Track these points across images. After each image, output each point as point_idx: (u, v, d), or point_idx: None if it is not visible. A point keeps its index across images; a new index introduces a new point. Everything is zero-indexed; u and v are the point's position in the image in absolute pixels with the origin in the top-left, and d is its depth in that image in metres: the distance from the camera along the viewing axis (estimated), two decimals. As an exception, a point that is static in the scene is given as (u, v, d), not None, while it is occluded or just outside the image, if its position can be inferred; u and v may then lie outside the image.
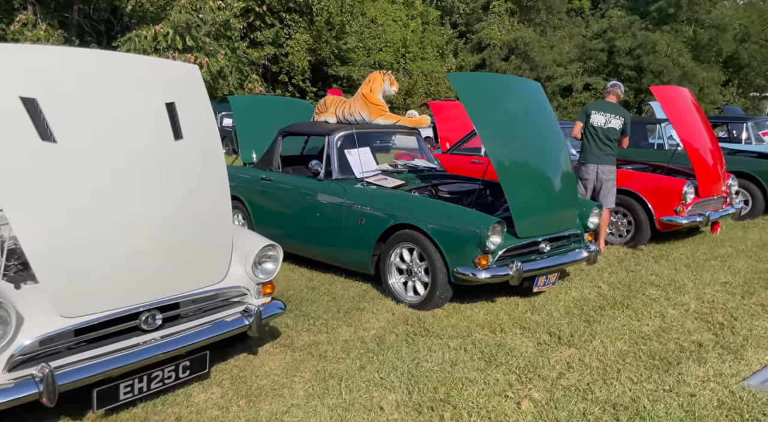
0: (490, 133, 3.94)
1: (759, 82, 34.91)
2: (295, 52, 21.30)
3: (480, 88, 4.03)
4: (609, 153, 5.71)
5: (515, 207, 3.88)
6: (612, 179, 5.70)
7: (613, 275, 5.00)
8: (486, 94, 4.02)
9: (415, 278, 4.05)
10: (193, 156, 2.68)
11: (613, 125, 5.68)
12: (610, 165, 5.69)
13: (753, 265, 5.29)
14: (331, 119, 5.17)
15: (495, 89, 4.10)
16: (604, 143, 5.69)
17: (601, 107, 5.79)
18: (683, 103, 6.17)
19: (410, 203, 4.10)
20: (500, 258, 3.86)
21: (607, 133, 5.69)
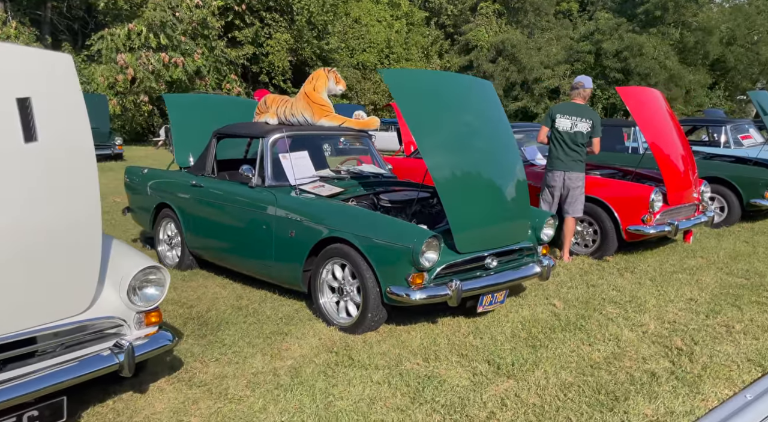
0: (427, 136, 3.54)
1: (745, 85, 34.84)
2: (275, 51, 20.88)
3: (416, 87, 3.62)
4: (576, 159, 5.34)
5: (454, 219, 3.49)
6: (580, 187, 5.36)
7: (571, 290, 4.63)
8: (423, 93, 3.62)
9: (347, 298, 3.66)
10: (52, 160, 2.26)
11: (579, 129, 5.32)
12: (577, 172, 5.34)
13: (722, 279, 4.94)
14: (272, 120, 4.77)
15: (434, 88, 3.70)
16: (571, 149, 5.33)
17: (567, 109, 5.42)
18: (652, 105, 5.82)
19: (342, 214, 3.70)
20: (438, 276, 3.47)
21: (574, 137, 5.32)
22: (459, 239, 3.51)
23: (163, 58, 17.05)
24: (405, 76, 3.76)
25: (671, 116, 6.19)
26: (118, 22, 17.75)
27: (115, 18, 17.96)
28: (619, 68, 32.91)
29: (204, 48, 18.38)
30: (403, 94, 3.53)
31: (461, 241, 3.52)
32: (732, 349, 3.45)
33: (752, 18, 33.37)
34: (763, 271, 5.15)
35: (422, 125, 3.53)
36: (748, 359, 3.31)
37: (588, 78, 5.53)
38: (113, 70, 16.62)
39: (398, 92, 3.52)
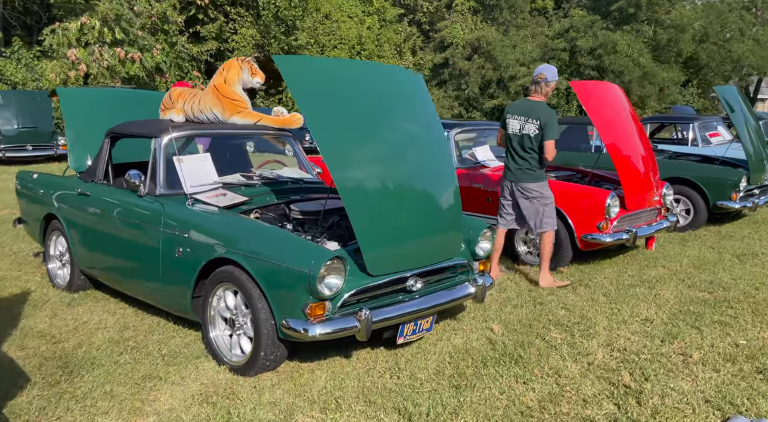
0: (330, 136, 2.93)
1: (717, 83, 34.91)
2: (240, 47, 20.12)
3: (319, 77, 2.98)
4: (525, 167, 4.56)
5: (364, 236, 2.90)
6: (536, 198, 4.55)
7: (516, 309, 4.09)
8: (328, 84, 2.99)
9: (240, 332, 3.05)
10: None
11: (527, 131, 4.52)
12: (527, 182, 4.56)
13: (683, 293, 4.44)
14: (178, 117, 4.13)
15: (343, 79, 3.07)
16: (519, 155, 4.58)
17: (517, 108, 4.65)
18: (610, 101, 5.30)
19: (234, 229, 3.08)
20: (346, 304, 2.89)
21: (522, 141, 4.56)
22: (370, 259, 2.93)
23: (119, 53, 16.20)
24: (305, 65, 3.13)
25: (632, 113, 5.70)
26: (72, 16, 16.84)
27: (70, 12, 17.05)
28: (593, 66, 32.71)
29: (164, 43, 17.55)
30: (301, 86, 2.91)
31: (373, 262, 2.94)
32: (688, 386, 2.93)
33: (724, 15, 33.43)
34: (727, 283, 4.67)
35: (324, 122, 2.92)
36: (706, 400, 2.79)
37: (552, 68, 4.67)
38: (65, 67, 15.73)
39: (295, 84, 2.90)
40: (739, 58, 33.06)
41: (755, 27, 34.64)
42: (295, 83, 2.89)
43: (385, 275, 3.00)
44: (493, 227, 3.70)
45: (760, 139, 7.10)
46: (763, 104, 43.12)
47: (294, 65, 3.02)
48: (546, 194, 4.59)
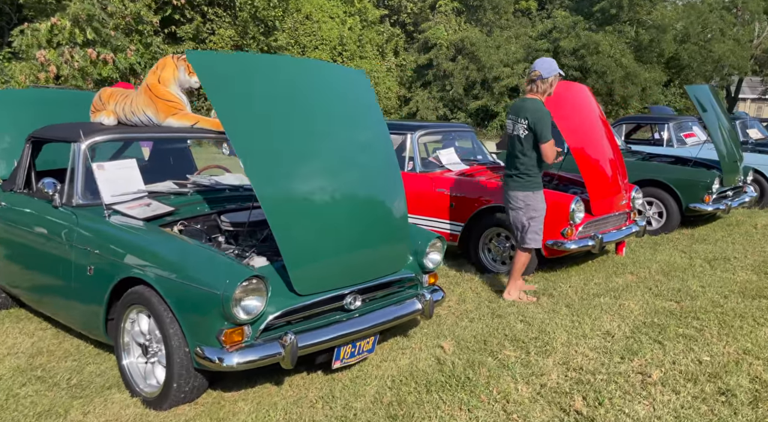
0: (249, 140, 2.63)
1: (698, 83, 35.07)
2: (218, 48, 19.73)
3: (237, 77, 2.68)
4: (514, 173, 4.13)
5: (288, 252, 2.61)
6: (521, 209, 4.11)
7: (472, 323, 3.83)
8: (247, 83, 2.70)
9: (155, 359, 2.75)
10: None
11: (517, 132, 4.11)
12: (514, 190, 4.13)
13: (649, 302, 4.20)
14: (109, 120, 3.82)
15: (267, 79, 2.77)
16: (509, 160, 4.22)
17: (513, 108, 4.25)
18: (575, 101, 5.06)
19: (147, 245, 2.78)
20: (271, 328, 2.60)
21: (513, 143, 4.15)
22: (297, 277, 2.64)
23: (90, 54, 15.75)
24: (222, 62, 2.80)
25: (600, 115, 5.46)
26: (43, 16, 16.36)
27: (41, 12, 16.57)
28: (576, 66, 32.69)
29: (138, 44, 17.12)
30: (217, 86, 2.61)
31: (301, 280, 2.65)
32: (644, 411, 2.68)
33: (705, 16, 33.56)
34: (695, 291, 4.44)
35: (242, 124, 2.63)
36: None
37: (548, 61, 4.16)
38: (34, 68, 15.25)
39: (210, 82, 2.60)
40: (720, 58, 33.22)
41: (735, 27, 34.85)
42: (209, 82, 2.59)
43: (316, 294, 2.71)
44: (441, 239, 3.42)
45: (734, 139, 6.92)
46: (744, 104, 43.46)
47: (208, 62, 2.71)
48: (535, 207, 4.11)
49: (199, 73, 2.57)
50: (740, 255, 5.64)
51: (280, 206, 2.62)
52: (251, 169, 2.56)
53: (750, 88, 42.50)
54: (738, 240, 6.29)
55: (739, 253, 5.74)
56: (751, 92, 42.94)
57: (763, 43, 37.18)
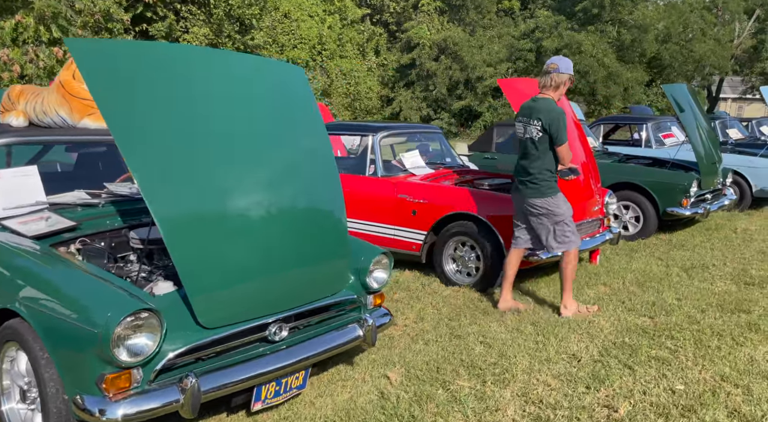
0: (142, 145, 2.20)
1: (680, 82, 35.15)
2: (193, 47, 19.19)
3: (128, 69, 2.21)
4: (528, 179, 3.81)
5: (190, 276, 2.21)
6: (543, 216, 3.83)
7: (426, 347, 3.46)
8: (144, 79, 2.25)
9: (34, 406, 2.34)
10: None
11: (529, 135, 3.78)
12: (531, 197, 3.81)
13: (621, 319, 3.86)
14: (18, 121, 3.39)
15: (169, 73, 2.30)
16: (521, 164, 3.88)
17: (523, 109, 3.90)
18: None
19: (25, 269, 2.36)
20: (172, 368, 2.20)
21: (525, 147, 3.83)
22: (202, 307, 2.24)
23: (56, 53, 15.14)
24: (110, 52, 2.35)
25: (574, 117, 5.13)
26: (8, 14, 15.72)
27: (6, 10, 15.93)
28: (559, 66, 32.61)
29: (108, 42, 16.57)
30: (101, 81, 2.19)
31: (207, 311, 2.26)
32: (608, 456, 2.34)
33: (686, 16, 33.64)
34: (671, 305, 4.11)
35: (134, 127, 2.21)
36: (627, 479, 2.19)
37: (566, 59, 3.84)
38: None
39: (93, 76, 2.17)
40: (701, 58, 33.34)
41: (716, 27, 35.00)
42: (93, 77, 2.17)
43: (228, 326, 2.32)
44: (388, 255, 3.05)
45: (712, 141, 6.64)
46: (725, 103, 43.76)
47: (92, 51, 2.26)
48: (556, 211, 3.81)
49: (80, 65, 2.15)
50: (719, 263, 5.35)
51: (178, 220, 2.21)
52: (143, 177, 2.15)
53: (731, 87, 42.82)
54: (717, 246, 6.01)
55: (718, 260, 5.45)
56: (732, 92, 43.28)
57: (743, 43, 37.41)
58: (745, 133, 10.69)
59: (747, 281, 4.70)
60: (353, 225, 5.12)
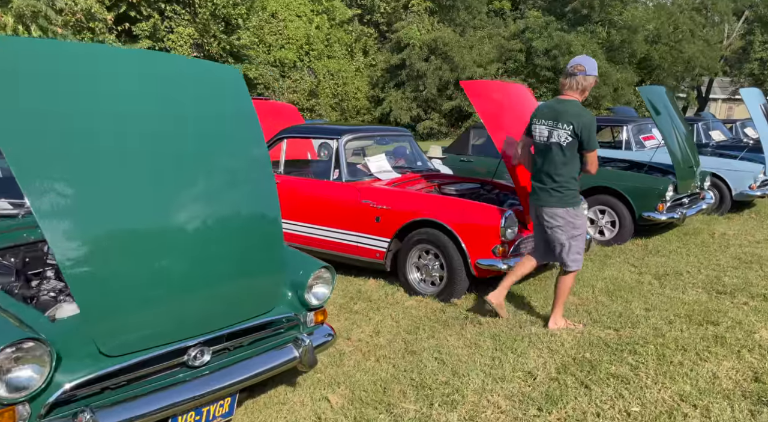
0: (31, 150, 1.95)
1: (670, 83, 35.20)
2: (177, 47, 18.91)
3: (16, 65, 1.95)
4: (551, 187, 3.56)
5: (87, 299, 2.01)
6: (561, 227, 3.59)
7: (377, 363, 3.28)
8: (35, 75, 2.00)
9: None
10: None
11: (556, 139, 3.51)
12: (553, 206, 3.57)
13: (585, 332, 3.69)
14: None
15: (70, 76, 2.08)
16: (544, 171, 3.60)
17: (545, 110, 3.62)
18: (509, 103, 4.54)
19: None
20: (65, 403, 2.00)
21: (549, 152, 3.56)
22: (102, 333, 2.04)
23: (35, 52, 14.85)
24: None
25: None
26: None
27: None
28: (549, 67, 32.52)
29: (90, 42, 16.26)
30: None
31: (108, 337, 2.05)
32: (550, 490, 2.16)
33: (675, 17, 33.64)
34: (638, 316, 3.95)
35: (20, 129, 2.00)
36: None
37: (590, 60, 3.56)
38: (-27, 67, 14.35)
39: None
40: (690, 58, 33.34)
41: (705, 28, 35.02)
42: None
43: (137, 353, 2.12)
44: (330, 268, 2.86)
45: (689, 144, 6.49)
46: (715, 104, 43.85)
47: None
48: (576, 223, 3.61)
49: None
50: (693, 269, 5.20)
51: (72, 233, 2.00)
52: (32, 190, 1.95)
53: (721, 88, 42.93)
54: (693, 251, 5.86)
55: (693, 267, 5.30)
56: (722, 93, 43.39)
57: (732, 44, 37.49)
58: (728, 135, 10.58)
59: (719, 290, 4.55)
60: (316, 232, 4.94)
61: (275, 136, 5.40)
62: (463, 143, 7.63)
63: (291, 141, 5.65)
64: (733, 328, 3.67)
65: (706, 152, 8.25)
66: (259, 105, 6.68)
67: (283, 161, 5.30)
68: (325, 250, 4.92)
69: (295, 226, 5.07)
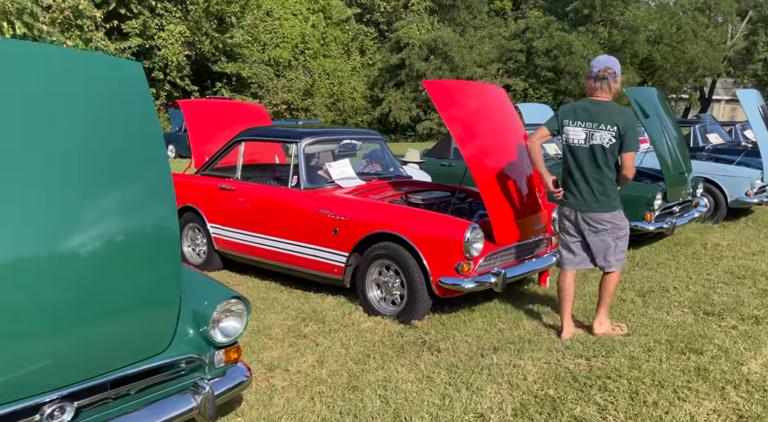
0: None
1: (672, 84, 34.67)
2: (168, 45, 18.57)
3: None
4: (597, 192, 3.42)
5: None
6: (607, 231, 3.48)
7: (311, 403, 2.88)
8: None
9: None
10: None
11: (599, 141, 3.36)
12: (599, 211, 3.44)
13: (553, 362, 3.27)
14: None
15: None
16: (586, 175, 3.42)
17: (579, 111, 3.44)
18: (477, 105, 4.14)
19: None
20: None
21: (591, 156, 3.39)
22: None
23: (20, 50, 14.49)
24: None
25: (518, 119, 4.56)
26: (-28, 9, 15.10)
27: (-30, 6, 15.31)
28: (549, 67, 32.05)
29: (77, 40, 15.91)
30: None
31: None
32: None
33: (678, 17, 33.06)
34: (614, 342, 3.52)
35: None
36: None
37: (616, 62, 3.43)
38: (-44, 65, 14.03)
39: None
40: (693, 59, 32.72)
41: (708, 28, 34.42)
42: None
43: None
44: (242, 299, 2.46)
45: (681, 149, 6.07)
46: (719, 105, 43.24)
47: None
48: (621, 225, 3.52)
49: None
50: (681, 285, 4.79)
51: None
52: None
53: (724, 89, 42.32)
54: (683, 264, 5.44)
55: (681, 282, 4.89)
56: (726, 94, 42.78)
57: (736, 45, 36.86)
58: (726, 138, 10.13)
59: (706, 310, 4.14)
60: (272, 244, 4.55)
61: (232, 139, 5.01)
62: (444, 147, 7.23)
63: (257, 145, 5.27)
64: (718, 358, 3.27)
65: (701, 156, 7.82)
66: (219, 105, 6.31)
67: (240, 166, 4.92)
68: (282, 263, 4.54)
69: (250, 237, 4.69)
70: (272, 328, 3.78)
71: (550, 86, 32.99)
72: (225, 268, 5.17)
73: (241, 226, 4.72)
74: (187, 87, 19.55)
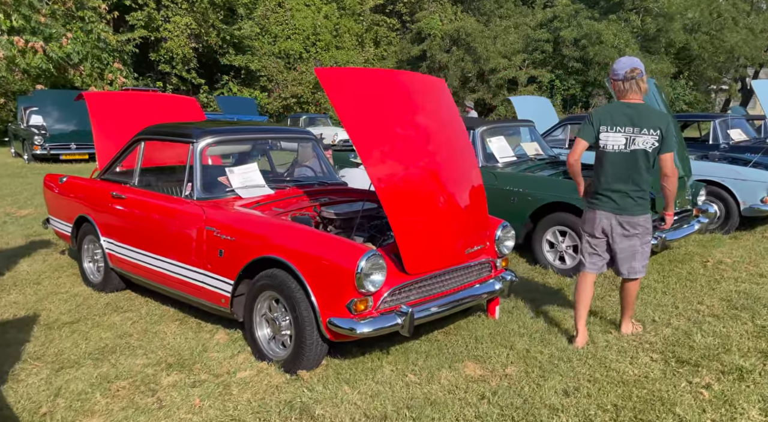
0: None
1: (710, 74, 32.43)
2: (174, 37, 18.14)
3: None
4: (638, 196, 3.31)
5: None
6: (639, 235, 3.36)
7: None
8: None
9: None
10: None
11: (641, 146, 3.23)
12: (638, 214, 3.32)
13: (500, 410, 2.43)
14: None
15: None
16: (626, 180, 3.28)
17: (615, 116, 3.28)
18: (389, 100, 3.25)
19: None
20: None
21: (633, 160, 3.26)
22: None
23: (17, 42, 14.28)
24: None
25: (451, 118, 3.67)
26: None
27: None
28: (577, 57, 30.40)
29: (78, 31, 15.58)
30: None
31: None
32: None
33: (717, 3, 30.75)
34: (550, 407, 2.65)
35: None
36: None
37: (636, 60, 3.31)
38: (-45, 58, 13.86)
39: None
40: (733, 48, 30.34)
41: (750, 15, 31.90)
42: None
43: None
44: None
45: (679, 150, 5.03)
46: (761, 97, 40.37)
47: None
48: (649, 229, 3.44)
49: None
50: (662, 318, 3.84)
51: None
52: None
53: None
54: (672, 289, 4.46)
55: (663, 313, 3.94)
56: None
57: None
58: (752, 134, 8.84)
59: (681, 358, 3.20)
60: (158, 264, 3.80)
61: (132, 138, 4.29)
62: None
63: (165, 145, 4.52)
64: (676, 447, 2.36)
65: (713, 156, 6.69)
66: (146, 98, 5.60)
67: (138, 169, 4.18)
68: (171, 289, 3.79)
69: (141, 255, 3.95)
70: (121, 379, 3.02)
71: (578, 78, 31.27)
72: (128, 287, 4.44)
73: (131, 242, 4.00)
74: (194, 80, 19.12)
